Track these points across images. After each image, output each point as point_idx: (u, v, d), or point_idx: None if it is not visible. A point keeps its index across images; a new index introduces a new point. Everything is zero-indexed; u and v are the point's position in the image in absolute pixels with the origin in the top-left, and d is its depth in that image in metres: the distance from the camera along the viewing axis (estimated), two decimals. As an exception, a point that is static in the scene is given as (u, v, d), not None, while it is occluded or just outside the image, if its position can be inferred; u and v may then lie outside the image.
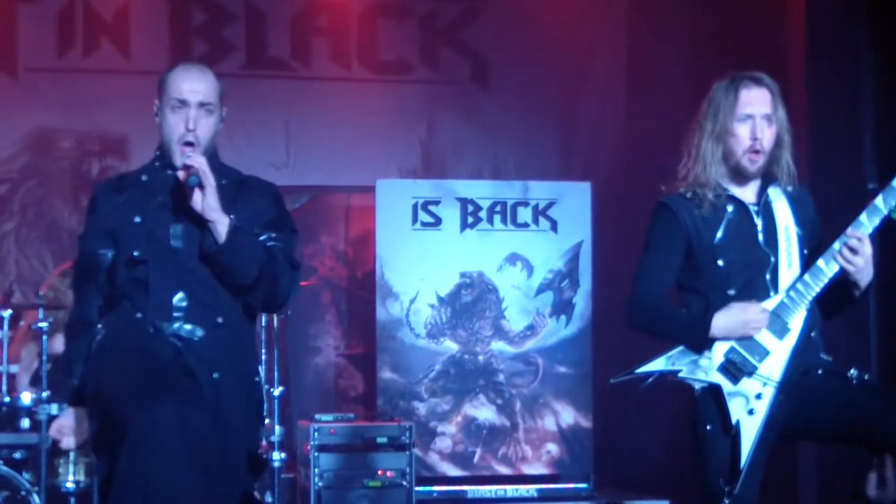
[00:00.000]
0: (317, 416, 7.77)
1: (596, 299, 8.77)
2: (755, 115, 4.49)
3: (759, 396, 4.39)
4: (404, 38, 9.83)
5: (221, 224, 4.28)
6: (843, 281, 4.43)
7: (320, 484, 7.56)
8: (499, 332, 8.61)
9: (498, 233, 8.77)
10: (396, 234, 8.68)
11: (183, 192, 4.34)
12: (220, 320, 4.32)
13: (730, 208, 4.53)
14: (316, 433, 7.64)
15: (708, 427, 4.48)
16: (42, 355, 6.61)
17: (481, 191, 8.86)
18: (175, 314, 4.27)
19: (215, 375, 4.26)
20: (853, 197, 6.26)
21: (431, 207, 8.72)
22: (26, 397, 6.69)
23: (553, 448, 8.57)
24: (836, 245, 4.38)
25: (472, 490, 8.30)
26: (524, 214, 8.79)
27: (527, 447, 8.54)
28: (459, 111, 9.82)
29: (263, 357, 7.21)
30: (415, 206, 8.71)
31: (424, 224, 8.70)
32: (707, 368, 4.44)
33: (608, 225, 9.08)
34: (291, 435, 7.93)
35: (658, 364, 4.56)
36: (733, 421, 4.39)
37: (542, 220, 8.79)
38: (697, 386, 4.47)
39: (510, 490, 8.35)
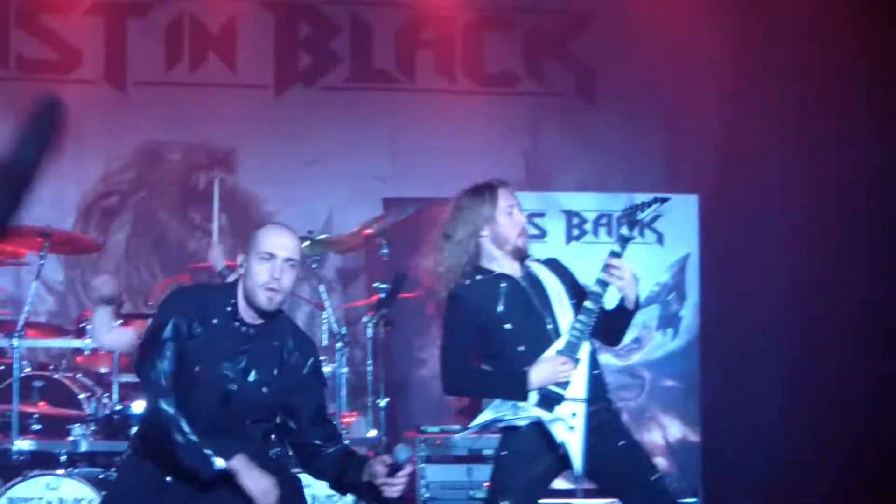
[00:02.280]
0: (423, 428, 7.77)
1: (703, 312, 8.68)
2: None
3: (574, 415, 5.08)
4: (509, 50, 9.84)
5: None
6: (617, 306, 5.34)
7: (427, 495, 7.55)
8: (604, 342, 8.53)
9: (603, 245, 8.69)
10: (502, 246, 8.64)
11: (248, 343, 4.83)
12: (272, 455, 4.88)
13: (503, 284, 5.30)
14: (422, 444, 7.63)
15: (503, 453, 5.21)
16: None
17: (587, 203, 8.82)
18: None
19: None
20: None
21: (536, 220, 8.70)
22: (138, 406, 6.76)
23: (660, 462, 8.48)
24: (596, 282, 5.30)
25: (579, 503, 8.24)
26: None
27: (633, 461, 8.46)
28: (564, 123, 9.79)
29: (370, 368, 7.23)
30: (520, 219, 8.67)
31: (530, 236, 8.64)
32: (526, 408, 5.11)
33: (715, 237, 8.99)
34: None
35: (487, 415, 5.25)
36: (558, 441, 5.07)
37: (648, 232, 8.72)
38: (523, 423, 5.12)
39: (617, 504, 8.27)
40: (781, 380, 9.28)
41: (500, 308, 5.24)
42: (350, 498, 6.57)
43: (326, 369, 7.54)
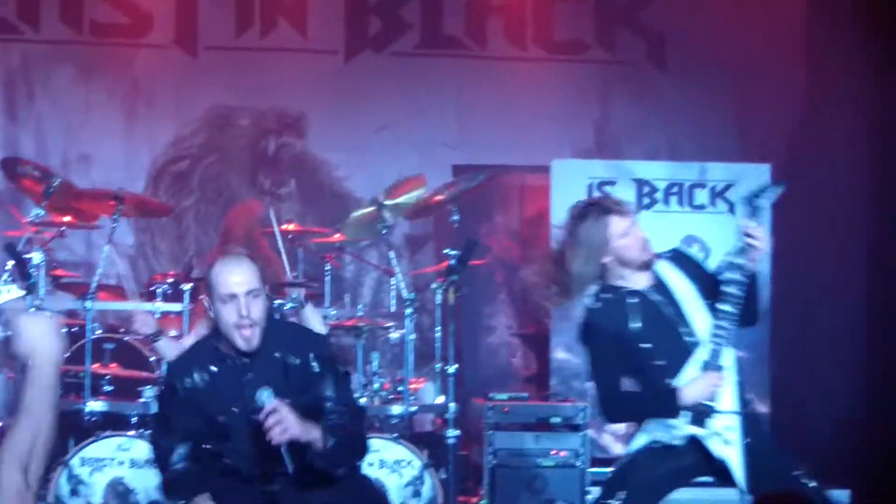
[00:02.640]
0: (491, 395, 7.75)
1: (774, 283, 8.59)
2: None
3: (728, 427, 5.04)
4: (580, 17, 9.76)
5: (316, 441, 4.80)
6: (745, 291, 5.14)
7: (494, 462, 7.54)
8: (674, 314, 8.48)
9: (674, 214, 8.65)
10: (571, 214, 8.60)
11: (249, 370, 4.92)
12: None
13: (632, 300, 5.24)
14: (490, 412, 7.62)
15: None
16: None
17: (657, 172, 8.74)
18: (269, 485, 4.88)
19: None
20: None
21: (607, 188, 8.63)
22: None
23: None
24: (726, 265, 5.21)
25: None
26: (701, 196, 8.66)
27: (702, 431, 8.40)
28: (635, 91, 9.71)
29: (438, 334, 7.22)
30: (590, 187, 8.63)
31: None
32: (679, 426, 5.08)
33: (786, 208, 8.88)
34: (465, 413, 7.92)
35: (641, 440, 5.20)
36: (718, 457, 5.03)
37: (719, 202, 8.64)
38: (679, 442, 5.09)
39: (684, 473, 8.22)
40: (851, 351, 9.19)
41: (634, 325, 5.20)
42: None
43: (394, 335, 7.58)
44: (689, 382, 5.05)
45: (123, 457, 6.50)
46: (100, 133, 9.48)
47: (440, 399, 7.16)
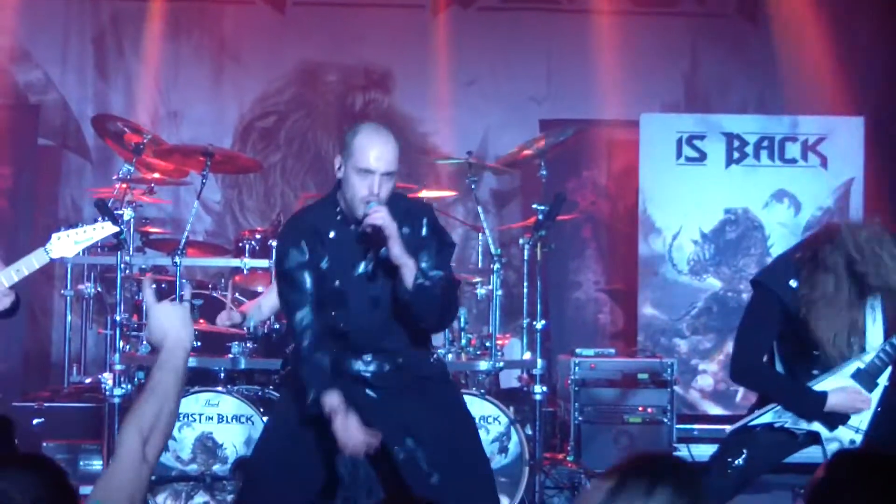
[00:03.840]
0: (577, 351, 7.72)
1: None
2: None
3: (852, 442, 5.12)
4: (670, -31, 9.63)
5: (408, 269, 4.77)
6: None
7: (580, 418, 7.52)
8: (764, 269, 8.39)
9: (764, 168, 8.53)
10: (660, 168, 8.54)
11: (370, 246, 4.86)
12: (400, 361, 4.93)
13: None
14: (577, 367, 7.59)
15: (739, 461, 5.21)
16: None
17: (748, 125, 8.63)
18: (366, 360, 4.92)
19: (404, 384, 4.93)
20: None
21: (696, 142, 8.54)
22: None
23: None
24: None
25: (734, 430, 8.14)
26: (792, 150, 8.53)
27: (791, 388, 8.32)
28: (725, 44, 9.58)
29: (525, 290, 7.19)
30: (679, 141, 8.55)
31: (689, 159, 8.54)
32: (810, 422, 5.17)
33: (881, 161, 8.73)
34: (552, 369, 7.90)
35: (767, 417, 5.19)
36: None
37: (811, 155, 8.52)
38: (801, 431, 5.17)
39: (772, 431, 8.15)
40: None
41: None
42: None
43: (481, 291, 7.55)
44: (838, 391, 5.11)
45: (211, 412, 6.55)
46: (188, 90, 9.54)
47: (527, 355, 7.12)
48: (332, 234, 4.90)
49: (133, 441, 3.13)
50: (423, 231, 4.93)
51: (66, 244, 4.71)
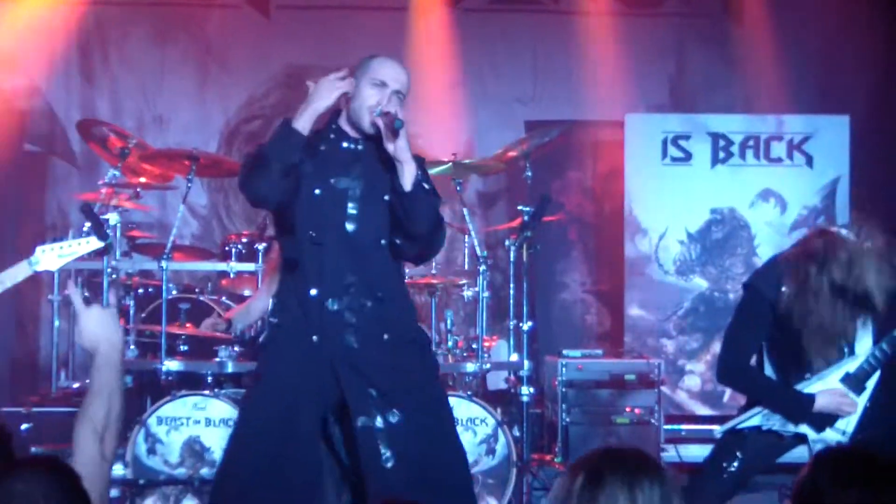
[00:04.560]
0: (564, 352, 7.72)
1: (853, 237, 8.47)
2: None
3: (838, 444, 5.11)
4: (655, -31, 9.64)
5: (409, 167, 4.83)
6: None
7: (568, 419, 7.53)
8: (750, 269, 8.35)
9: (750, 168, 8.55)
10: (645, 169, 8.56)
11: (359, 159, 4.93)
12: (380, 294, 4.91)
13: None
14: (564, 369, 7.60)
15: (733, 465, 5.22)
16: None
17: (733, 125, 8.66)
18: (347, 291, 4.88)
19: (385, 337, 4.91)
20: None
21: (682, 142, 8.57)
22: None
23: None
24: None
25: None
26: (778, 149, 8.55)
27: (778, 388, 8.33)
28: (710, 44, 9.58)
29: (511, 291, 7.20)
30: (664, 141, 8.57)
31: (674, 159, 8.56)
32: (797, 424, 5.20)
33: (867, 160, 8.75)
34: (539, 370, 7.91)
35: (756, 420, 5.21)
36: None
37: (796, 154, 8.55)
38: (788, 434, 5.20)
39: (760, 431, 8.16)
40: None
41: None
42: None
43: (467, 293, 7.56)
44: (825, 393, 5.15)
45: (199, 416, 6.55)
46: (174, 94, 9.52)
47: (514, 357, 7.13)
48: (322, 147, 4.96)
49: (90, 443, 3.28)
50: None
51: (51, 258, 4.72)
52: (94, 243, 4.78)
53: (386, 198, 4.88)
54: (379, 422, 4.79)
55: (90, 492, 3.13)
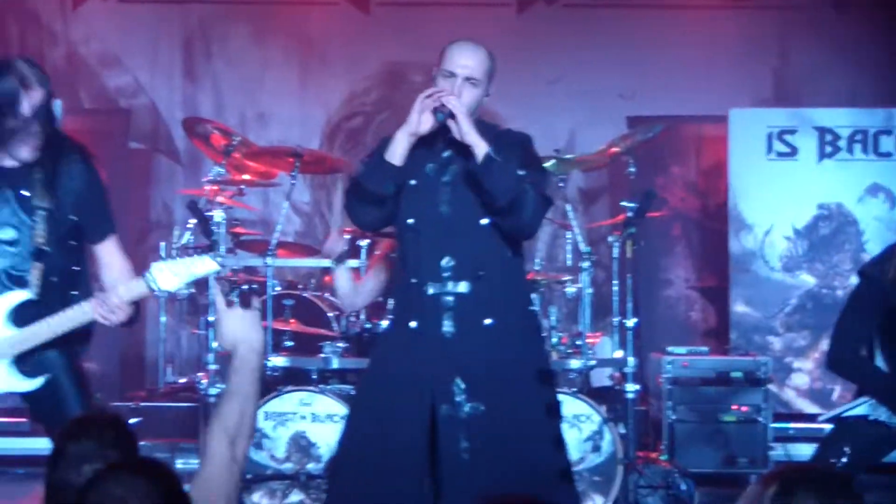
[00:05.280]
0: (669, 349, 7.66)
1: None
2: None
3: None
4: (759, -39, 9.53)
5: (479, 147, 4.80)
6: None
7: (673, 417, 7.46)
8: (858, 265, 8.26)
9: (858, 163, 8.42)
10: (750, 164, 8.46)
11: (449, 144, 4.92)
12: (481, 273, 4.87)
13: None
14: (669, 366, 7.54)
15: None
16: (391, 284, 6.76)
17: (840, 119, 8.52)
18: (444, 275, 4.86)
19: (486, 322, 4.87)
20: None
21: (787, 137, 8.46)
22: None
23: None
24: None
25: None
26: (887, 143, 8.42)
27: (887, 386, 8.20)
28: (815, 36, 9.45)
29: (615, 287, 7.16)
30: (769, 136, 8.46)
31: (780, 154, 8.45)
32: None
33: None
34: (643, 367, 7.84)
35: (861, 409, 5.17)
36: None
37: (902, 148, 8.41)
38: (894, 426, 5.14)
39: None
40: None
41: None
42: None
43: (570, 289, 7.51)
44: None
45: (305, 411, 6.58)
46: (276, 91, 9.59)
47: (618, 353, 7.09)
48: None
49: (221, 444, 3.26)
50: (518, 148, 5.03)
51: (169, 277, 4.68)
52: (210, 264, 4.75)
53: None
54: (462, 412, 4.78)
55: (218, 494, 3.18)
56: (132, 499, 2.70)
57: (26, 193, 4.71)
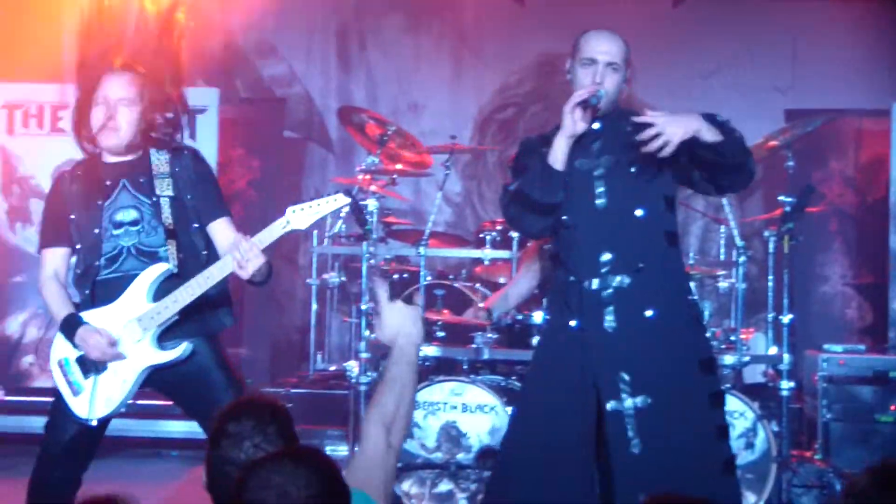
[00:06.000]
0: (825, 346, 7.51)
1: None
2: None
3: None
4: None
5: (706, 133, 4.65)
6: None
7: (829, 416, 7.31)
8: None
9: None
10: (913, 159, 8.26)
11: (598, 137, 4.86)
12: (641, 265, 4.80)
13: None
14: (825, 364, 7.38)
15: None
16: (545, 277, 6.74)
17: None
18: (603, 270, 4.80)
19: (648, 314, 4.80)
20: None
21: (950, 132, 8.24)
22: (538, 316, 6.79)
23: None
24: None
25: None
26: None
27: None
28: (981, 25, 9.20)
29: (770, 283, 7.04)
30: (933, 130, 8.26)
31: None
32: None
33: None
34: (798, 364, 7.70)
35: None
36: None
37: None
38: None
39: None
40: None
41: None
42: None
43: (722, 284, 7.41)
44: None
45: (456, 401, 6.59)
46: (428, 82, 9.63)
47: (773, 350, 6.97)
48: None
49: (378, 432, 3.39)
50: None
51: (301, 217, 4.83)
52: (342, 199, 4.84)
53: (633, 170, 4.81)
54: (628, 406, 4.73)
55: (373, 479, 3.28)
56: (292, 488, 2.73)
57: (142, 180, 4.82)
